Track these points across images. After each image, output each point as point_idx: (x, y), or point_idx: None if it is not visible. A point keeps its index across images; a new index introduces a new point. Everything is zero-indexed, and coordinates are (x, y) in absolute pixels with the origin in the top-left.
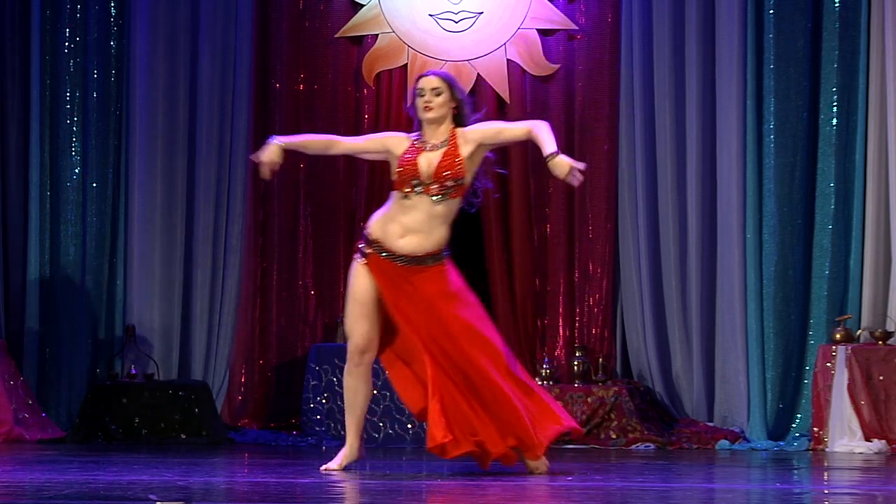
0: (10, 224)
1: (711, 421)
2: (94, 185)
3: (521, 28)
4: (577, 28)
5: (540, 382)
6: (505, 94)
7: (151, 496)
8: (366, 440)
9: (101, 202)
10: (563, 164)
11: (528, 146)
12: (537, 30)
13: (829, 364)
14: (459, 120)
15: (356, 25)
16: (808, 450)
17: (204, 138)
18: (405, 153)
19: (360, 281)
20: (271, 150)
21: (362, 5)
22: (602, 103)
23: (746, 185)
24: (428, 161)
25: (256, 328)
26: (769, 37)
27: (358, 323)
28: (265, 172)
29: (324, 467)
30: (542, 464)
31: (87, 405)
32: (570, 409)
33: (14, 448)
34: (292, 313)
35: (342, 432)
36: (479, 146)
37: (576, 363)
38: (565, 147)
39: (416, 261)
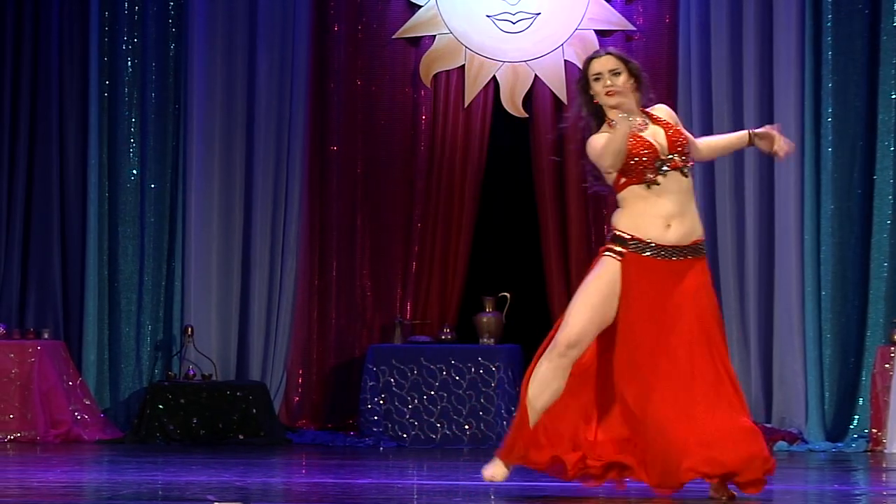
0: (69, 225)
1: (769, 422)
2: (153, 185)
3: (578, 29)
4: (634, 29)
5: None
6: (562, 96)
7: (209, 497)
8: (423, 440)
9: (158, 203)
10: (769, 136)
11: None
12: (595, 30)
13: (887, 365)
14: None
15: (413, 26)
16: (866, 451)
17: (261, 139)
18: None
19: (609, 275)
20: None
21: (419, 6)
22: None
23: (804, 186)
24: (653, 136)
25: (314, 329)
26: (827, 37)
27: (585, 313)
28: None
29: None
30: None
31: (146, 406)
32: None
33: (73, 448)
34: (350, 314)
35: (400, 433)
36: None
37: None
38: None
39: (690, 251)
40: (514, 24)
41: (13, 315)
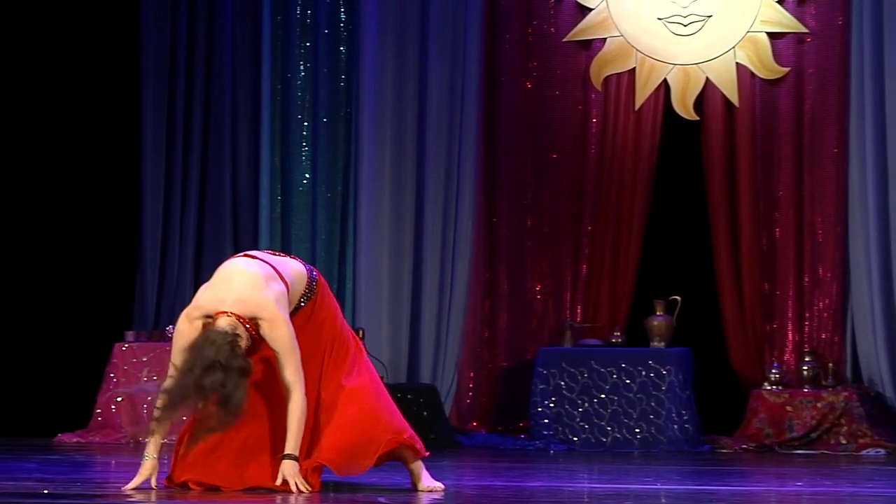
0: (241, 228)
1: None
2: (324, 189)
3: (750, 31)
4: (806, 31)
5: (769, 387)
6: (734, 99)
7: (380, 499)
8: (593, 443)
9: (330, 206)
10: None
11: (759, 142)
12: (766, 33)
13: None
14: None
15: (584, 29)
16: None
17: (432, 143)
18: None
19: None
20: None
21: (590, 9)
22: (831, 106)
23: None
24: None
25: (485, 331)
26: None
27: None
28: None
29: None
30: None
31: None
32: (799, 414)
33: None
34: (520, 317)
35: (570, 436)
36: None
37: (805, 368)
38: (795, 151)
39: None
40: (685, 26)
41: None
